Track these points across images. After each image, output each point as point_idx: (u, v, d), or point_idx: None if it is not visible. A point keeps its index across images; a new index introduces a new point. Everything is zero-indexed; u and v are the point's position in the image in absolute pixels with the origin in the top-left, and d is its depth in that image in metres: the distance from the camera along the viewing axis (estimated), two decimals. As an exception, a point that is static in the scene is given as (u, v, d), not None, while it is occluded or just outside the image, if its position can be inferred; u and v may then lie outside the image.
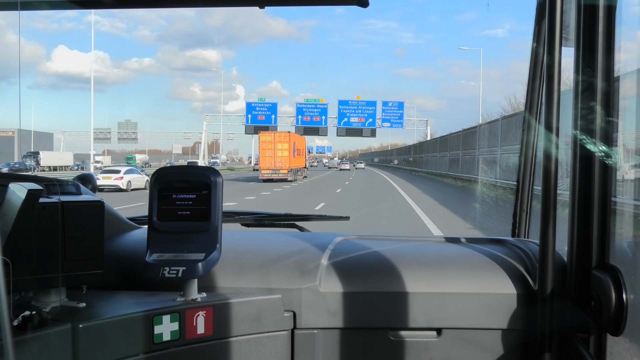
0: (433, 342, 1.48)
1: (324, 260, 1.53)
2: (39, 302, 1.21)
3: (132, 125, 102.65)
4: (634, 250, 1.40)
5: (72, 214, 1.20)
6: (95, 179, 1.75)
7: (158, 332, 1.26)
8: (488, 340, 1.48)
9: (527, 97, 1.89)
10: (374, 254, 1.58)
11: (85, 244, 1.22)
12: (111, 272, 1.40)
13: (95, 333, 1.17)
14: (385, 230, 11.92)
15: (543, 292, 1.36)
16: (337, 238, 1.71)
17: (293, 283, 1.47)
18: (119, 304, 1.33)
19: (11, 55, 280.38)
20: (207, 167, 1.45)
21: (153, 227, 1.36)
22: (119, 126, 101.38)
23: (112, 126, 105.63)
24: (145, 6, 1.68)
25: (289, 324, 1.46)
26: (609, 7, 1.24)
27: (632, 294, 1.19)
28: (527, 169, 1.92)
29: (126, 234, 1.74)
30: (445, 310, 1.46)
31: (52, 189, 1.28)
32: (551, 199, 1.33)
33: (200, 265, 1.31)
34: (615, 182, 1.31)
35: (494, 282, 1.48)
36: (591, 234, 1.29)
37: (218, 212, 1.36)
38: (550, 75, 1.33)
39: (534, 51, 1.82)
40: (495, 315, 1.46)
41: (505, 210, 6.38)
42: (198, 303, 1.34)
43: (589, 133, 1.27)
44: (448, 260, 1.57)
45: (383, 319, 1.47)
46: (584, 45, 1.28)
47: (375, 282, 1.48)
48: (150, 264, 1.32)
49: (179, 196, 1.36)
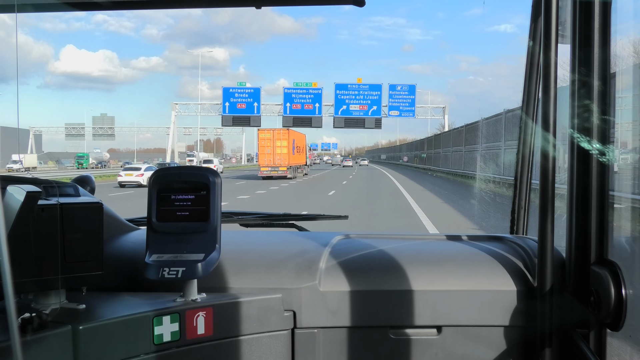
0: (434, 339, 1.49)
1: (323, 259, 1.54)
2: (39, 305, 1.22)
3: (108, 120, 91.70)
4: (633, 245, 1.42)
5: (71, 215, 1.21)
6: (93, 181, 1.77)
7: (158, 332, 1.26)
8: (488, 337, 1.49)
9: (523, 94, 1.91)
10: (374, 253, 1.59)
11: (84, 246, 1.23)
12: (111, 274, 1.39)
13: (96, 335, 1.18)
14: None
15: (542, 288, 1.37)
16: (336, 237, 1.73)
17: (293, 282, 1.47)
18: (118, 305, 1.32)
19: (21, 56, 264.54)
20: (205, 167, 1.45)
21: (152, 228, 1.36)
22: (93, 121, 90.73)
23: (88, 121, 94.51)
24: (141, 7, 1.73)
25: (289, 323, 1.46)
26: (604, 3, 1.25)
27: (631, 288, 1.20)
28: (524, 165, 1.94)
29: (125, 235, 1.75)
30: (445, 308, 1.47)
31: (50, 190, 1.29)
32: (549, 195, 1.34)
33: (200, 266, 1.30)
34: (612, 178, 1.31)
35: (494, 279, 1.49)
36: (589, 230, 1.30)
37: (217, 212, 1.35)
38: (546, 72, 1.33)
39: (529, 49, 1.85)
40: (495, 312, 1.47)
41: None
42: (198, 303, 1.34)
43: (585, 129, 1.28)
44: (447, 258, 1.58)
45: (383, 317, 1.48)
46: (580, 41, 1.29)
47: (375, 280, 1.49)
48: (150, 264, 1.32)
49: (177, 197, 1.36)
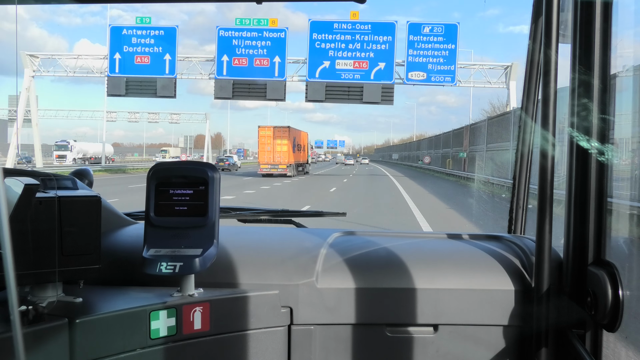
0: (430, 338, 1.49)
1: (321, 256, 1.54)
2: (36, 297, 1.22)
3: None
4: (630, 246, 1.42)
5: (69, 208, 1.21)
6: (92, 174, 1.76)
7: (155, 327, 1.26)
8: (484, 336, 1.49)
9: (523, 94, 1.92)
10: (372, 250, 1.59)
11: (82, 239, 1.23)
12: (108, 267, 1.40)
13: (92, 328, 1.18)
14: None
15: (539, 288, 1.37)
16: (334, 234, 1.72)
17: (290, 279, 1.47)
18: (115, 299, 1.32)
19: (35, 50, 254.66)
20: (204, 162, 1.45)
21: (150, 222, 1.36)
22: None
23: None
24: (141, 1, 1.75)
25: (286, 319, 1.46)
26: (605, 3, 1.25)
27: (628, 290, 1.21)
28: (523, 165, 1.94)
29: (123, 229, 1.74)
30: (442, 307, 1.47)
31: (48, 183, 1.29)
32: (547, 195, 1.34)
33: (197, 261, 1.30)
34: (611, 179, 1.31)
35: (491, 279, 1.49)
36: (587, 230, 1.30)
37: (215, 207, 1.35)
38: (546, 71, 1.33)
39: (530, 49, 1.86)
40: (492, 311, 1.47)
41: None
42: (195, 298, 1.34)
43: (584, 129, 1.28)
44: (445, 257, 1.58)
45: (380, 314, 1.48)
46: (581, 42, 1.29)
47: (373, 278, 1.49)
48: (147, 259, 1.31)
49: (176, 191, 1.36)
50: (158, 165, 1.40)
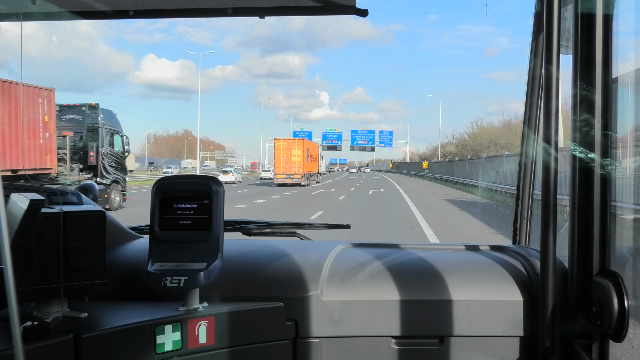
0: (435, 350, 1.48)
1: (325, 269, 1.54)
2: (41, 313, 1.22)
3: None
4: (635, 256, 1.41)
5: (74, 224, 1.21)
6: (96, 189, 1.75)
7: (160, 341, 1.26)
8: (490, 347, 1.48)
9: (525, 106, 1.94)
10: (376, 262, 1.59)
11: (87, 254, 1.23)
12: (113, 282, 1.40)
13: (98, 343, 1.17)
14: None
15: (545, 299, 1.36)
16: (338, 246, 1.72)
17: (295, 292, 1.47)
18: (121, 314, 1.32)
19: (104, 66, 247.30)
20: (208, 176, 1.45)
21: (155, 236, 1.36)
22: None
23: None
24: (144, 17, 1.72)
25: (291, 333, 1.45)
26: (606, 16, 1.26)
27: (633, 299, 1.20)
28: (526, 176, 1.96)
29: (128, 244, 1.74)
30: (447, 318, 1.46)
31: (53, 199, 1.29)
32: (551, 206, 1.34)
33: (202, 275, 1.30)
34: (614, 189, 1.31)
35: (496, 289, 1.49)
36: (592, 241, 1.30)
37: (219, 221, 1.35)
38: (548, 87, 1.33)
39: (531, 64, 1.89)
40: (497, 322, 1.46)
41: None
42: (200, 312, 1.34)
43: (587, 140, 1.29)
44: (449, 268, 1.57)
45: (385, 327, 1.47)
46: (582, 55, 1.29)
47: (377, 290, 1.48)
48: (152, 273, 1.31)
49: (180, 205, 1.36)
50: (162, 179, 1.40)
